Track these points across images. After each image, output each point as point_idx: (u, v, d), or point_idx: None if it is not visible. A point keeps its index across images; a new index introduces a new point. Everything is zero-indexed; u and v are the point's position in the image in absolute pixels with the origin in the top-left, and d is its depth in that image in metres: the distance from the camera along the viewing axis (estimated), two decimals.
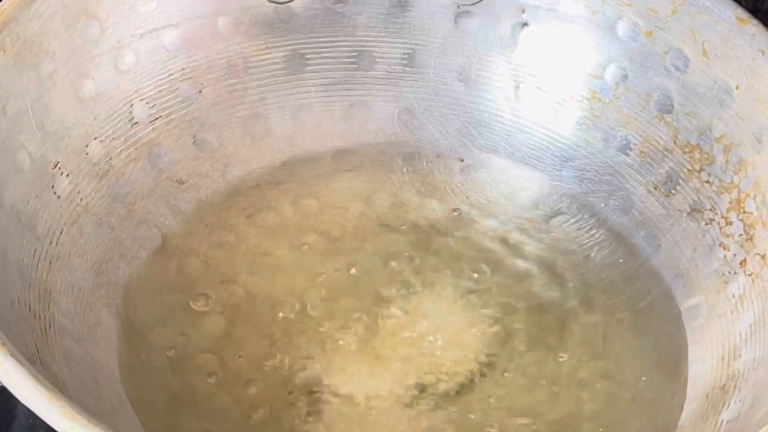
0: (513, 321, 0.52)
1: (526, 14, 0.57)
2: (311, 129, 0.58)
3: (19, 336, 0.42)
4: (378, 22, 0.58)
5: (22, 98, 0.48)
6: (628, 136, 0.56)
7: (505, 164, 0.58)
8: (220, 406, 0.48)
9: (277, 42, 0.57)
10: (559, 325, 0.52)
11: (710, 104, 0.52)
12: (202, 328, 0.50)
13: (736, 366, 0.47)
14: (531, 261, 0.54)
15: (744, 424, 0.44)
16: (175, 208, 0.54)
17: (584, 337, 0.51)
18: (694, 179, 0.53)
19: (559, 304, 0.52)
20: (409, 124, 0.59)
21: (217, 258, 0.53)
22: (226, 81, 0.57)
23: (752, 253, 0.50)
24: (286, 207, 0.56)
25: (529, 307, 0.52)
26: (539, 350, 0.51)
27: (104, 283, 0.50)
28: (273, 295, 0.52)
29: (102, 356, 0.48)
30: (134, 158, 0.54)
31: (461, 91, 0.59)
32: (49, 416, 0.37)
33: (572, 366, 0.50)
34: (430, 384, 0.49)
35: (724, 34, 0.51)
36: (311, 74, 0.58)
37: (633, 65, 0.55)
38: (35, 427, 0.49)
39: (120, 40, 0.53)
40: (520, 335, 0.51)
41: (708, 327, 0.50)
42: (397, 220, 0.56)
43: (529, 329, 0.51)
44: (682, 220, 0.53)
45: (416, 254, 0.54)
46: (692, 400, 0.48)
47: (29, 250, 0.47)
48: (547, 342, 0.51)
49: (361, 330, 0.51)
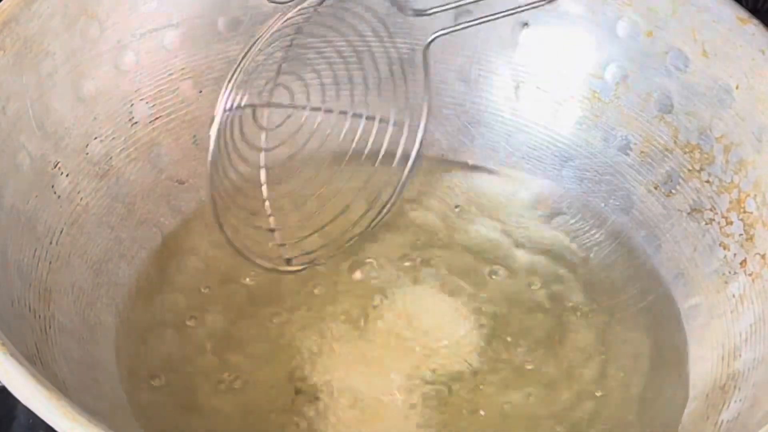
0: (512, 321, 0.52)
1: (526, 14, 0.57)
2: (311, 129, 0.58)
3: (19, 336, 0.42)
4: (378, 22, 0.58)
5: (22, 98, 0.48)
6: (628, 136, 0.56)
7: (505, 164, 0.58)
8: (220, 406, 0.48)
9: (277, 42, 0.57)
10: (558, 324, 0.52)
11: (710, 104, 0.52)
12: (202, 328, 0.50)
13: (737, 366, 0.47)
14: (530, 261, 0.54)
15: (744, 423, 0.44)
16: (175, 208, 0.54)
17: (584, 336, 0.51)
18: (695, 179, 0.53)
19: (559, 304, 0.52)
20: (409, 124, 0.59)
21: (217, 258, 0.53)
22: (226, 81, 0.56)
23: (752, 252, 0.50)
24: (287, 207, 0.56)
25: (528, 307, 0.52)
26: (538, 350, 0.51)
27: (104, 283, 0.50)
28: (273, 295, 0.52)
29: (102, 356, 0.48)
30: (134, 158, 0.54)
31: (461, 91, 0.59)
32: (49, 416, 0.37)
33: (571, 366, 0.50)
34: (428, 382, 0.49)
35: (724, 34, 0.51)
36: (311, 74, 0.58)
37: (633, 65, 0.55)
38: (35, 427, 0.49)
39: (120, 40, 0.53)
40: (519, 335, 0.51)
41: (708, 327, 0.50)
42: (397, 220, 0.56)
43: (529, 329, 0.51)
44: (682, 219, 0.53)
45: (416, 254, 0.54)
46: (692, 399, 0.48)
47: (29, 250, 0.47)
48: (547, 342, 0.51)
49: (360, 330, 0.51)
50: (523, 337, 0.51)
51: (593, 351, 0.51)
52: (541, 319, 0.52)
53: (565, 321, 0.52)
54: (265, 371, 0.49)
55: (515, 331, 0.51)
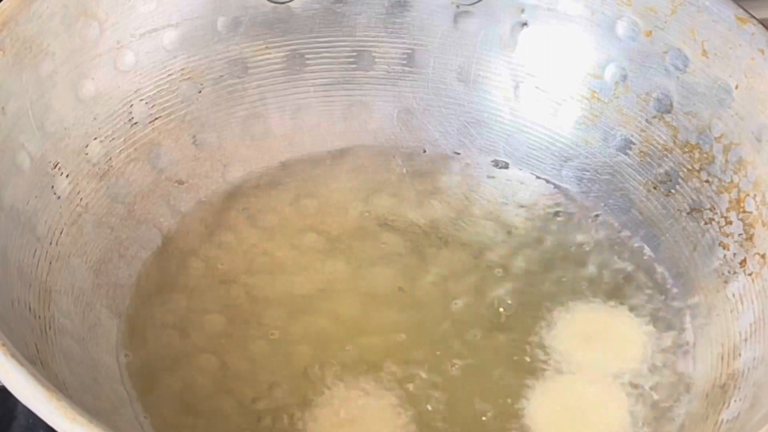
0: (512, 320, 0.51)
1: (525, 14, 0.57)
2: (311, 129, 0.58)
3: (19, 336, 0.42)
4: (377, 22, 0.58)
5: (21, 98, 0.48)
6: (627, 136, 0.56)
7: (504, 164, 0.58)
8: (221, 406, 0.48)
9: (277, 42, 0.57)
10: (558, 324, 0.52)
11: (710, 104, 0.52)
12: (202, 328, 0.50)
13: (736, 365, 0.47)
14: (530, 261, 0.54)
15: (744, 423, 0.44)
16: (175, 208, 0.55)
17: (583, 336, 0.51)
18: (694, 179, 0.53)
19: (559, 304, 0.52)
20: (409, 124, 0.59)
21: (217, 258, 0.53)
22: (226, 81, 0.57)
23: (752, 252, 0.50)
24: (286, 207, 0.56)
25: (528, 307, 0.52)
26: (538, 350, 0.51)
27: (104, 283, 0.50)
28: (272, 295, 0.52)
29: (102, 356, 0.48)
30: (134, 158, 0.54)
31: (461, 91, 0.59)
32: (49, 416, 0.37)
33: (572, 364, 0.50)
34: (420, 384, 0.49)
35: (724, 34, 0.51)
36: (311, 74, 0.58)
37: (632, 65, 0.55)
38: (35, 427, 0.49)
39: (120, 40, 0.53)
40: (519, 335, 0.51)
41: (708, 326, 0.50)
42: (396, 220, 0.56)
43: (529, 328, 0.51)
44: (681, 219, 0.53)
45: (416, 254, 0.54)
46: (692, 399, 0.48)
47: (29, 250, 0.47)
48: (546, 341, 0.51)
49: (360, 328, 0.51)
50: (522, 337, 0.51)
51: (593, 351, 0.51)
52: (541, 318, 0.52)
53: (564, 321, 0.52)
54: (265, 371, 0.49)
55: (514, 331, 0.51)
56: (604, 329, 0.51)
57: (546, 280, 0.53)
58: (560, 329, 0.51)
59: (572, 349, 0.50)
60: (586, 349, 0.50)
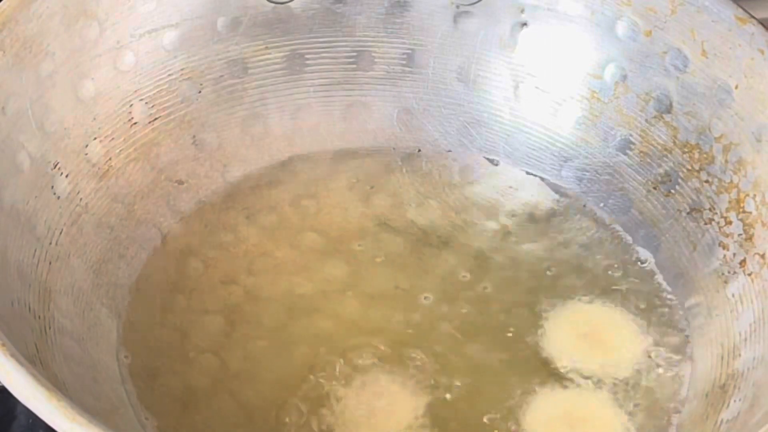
0: (511, 320, 0.52)
1: (525, 14, 0.57)
2: (310, 129, 0.58)
3: (19, 336, 0.42)
4: (377, 23, 0.58)
5: (21, 98, 0.48)
6: (627, 136, 0.56)
7: (504, 164, 0.58)
8: (221, 406, 0.48)
9: (277, 42, 0.57)
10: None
11: (709, 104, 0.52)
12: (202, 328, 0.50)
13: (736, 365, 0.47)
14: (530, 261, 0.54)
15: (744, 423, 0.44)
16: (175, 208, 0.55)
17: (582, 337, 0.51)
18: (694, 179, 0.53)
19: (559, 304, 0.52)
20: (409, 124, 0.59)
21: (217, 258, 0.53)
22: (226, 81, 0.57)
23: (752, 252, 0.50)
24: (286, 207, 0.56)
25: (528, 307, 0.52)
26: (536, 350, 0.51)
27: (104, 283, 0.50)
28: (272, 295, 0.52)
29: (102, 356, 0.48)
30: (134, 158, 0.54)
31: (460, 91, 0.59)
32: (49, 416, 0.37)
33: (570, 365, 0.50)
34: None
35: (724, 34, 0.51)
36: (310, 74, 0.58)
37: (632, 65, 0.55)
38: (35, 427, 0.49)
39: (119, 40, 0.53)
40: (518, 334, 0.51)
41: (708, 326, 0.50)
42: (396, 220, 0.56)
43: (529, 328, 0.51)
44: (681, 219, 0.53)
45: (415, 254, 0.54)
46: (692, 399, 0.48)
47: (29, 250, 0.47)
48: (544, 342, 0.51)
49: (360, 328, 0.51)
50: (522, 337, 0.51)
51: (592, 351, 0.51)
52: (540, 318, 0.52)
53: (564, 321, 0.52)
54: (265, 371, 0.49)
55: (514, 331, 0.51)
56: (603, 329, 0.52)
57: (546, 280, 0.53)
58: (559, 329, 0.51)
59: (570, 350, 0.50)
60: (585, 350, 0.50)
